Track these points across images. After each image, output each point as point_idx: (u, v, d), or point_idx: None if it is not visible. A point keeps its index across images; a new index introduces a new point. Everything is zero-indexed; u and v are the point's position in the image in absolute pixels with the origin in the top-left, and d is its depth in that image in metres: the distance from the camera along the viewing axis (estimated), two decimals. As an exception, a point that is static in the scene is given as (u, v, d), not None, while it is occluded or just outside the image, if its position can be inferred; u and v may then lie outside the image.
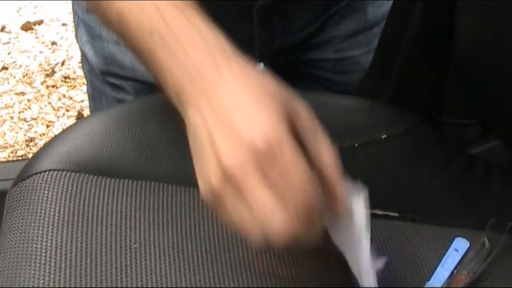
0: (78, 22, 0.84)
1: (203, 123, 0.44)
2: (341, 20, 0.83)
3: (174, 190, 0.59)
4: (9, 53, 1.96)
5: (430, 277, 0.59)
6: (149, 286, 0.52)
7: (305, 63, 0.88)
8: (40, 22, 2.06)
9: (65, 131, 0.65)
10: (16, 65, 1.91)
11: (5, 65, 1.90)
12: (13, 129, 1.64)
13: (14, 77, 1.86)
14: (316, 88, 0.89)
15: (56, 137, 0.64)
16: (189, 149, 0.61)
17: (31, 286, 0.51)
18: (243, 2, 0.75)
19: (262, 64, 1.35)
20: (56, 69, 1.88)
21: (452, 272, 0.59)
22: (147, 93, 0.80)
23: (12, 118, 1.69)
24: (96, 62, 0.83)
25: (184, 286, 0.52)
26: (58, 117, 1.72)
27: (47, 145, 0.63)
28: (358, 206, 0.48)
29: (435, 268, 0.60)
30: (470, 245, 0.62)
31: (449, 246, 0.62)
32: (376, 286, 0.48)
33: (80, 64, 0.92)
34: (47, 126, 1.68)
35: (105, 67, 0.83)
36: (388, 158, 0.66)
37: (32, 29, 2.04)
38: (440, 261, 0.60)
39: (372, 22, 0.84)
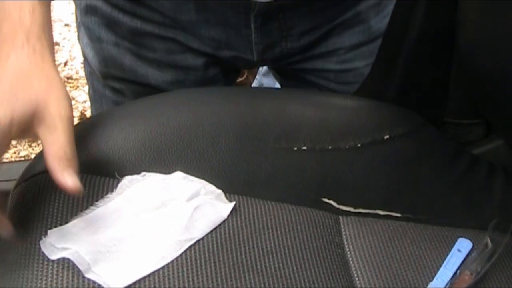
0: (79, 24, 0.84)
1: None
2: (344, 32, 0.83)
3: (177, 191, 0.59)
4: (11, 54, 1.95)
5: (433, 277, 0.59)
6: (152, 286, 0.52)
7: (308, 72, 0.88)
8: (43, 23, 2.06)
9: (67, 132, 0.65)
10: (18, 65, 1.91)
11: (8, 66, 1.90)
12: (15, 129, 1.64)
13: (17, 78, 1.86)
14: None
15: (58, 138, 0.64)
16: (192, 150, 0.62)
17: (33, 287, 0.51)
18: (240, 8, 0.75)
19: (265, 67, 1.35)
20: (59, 69, 1.89)
21: (455, 272, 0.59)
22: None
23: (14, 118, 1.69)
24: (96, 64, 0.83)
25: (186, 286, 0.52)
26: (61, 118, 1.72)
27: (49, 146, 0.63)
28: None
29: (438, 269, 0.60)
30: (473, 245, 0.62)
31: (452, 247, 0.62)
32: None
33: (83, 65, 0.92)
34: (50, 127, 1.68)
35: (105, 69, 0.83)
36: (391, 158, 0.66)
37: (34, 29, 2.04)
38: (443, 261, 0.60)
39: (376, 34, 0.83)
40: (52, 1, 0.60)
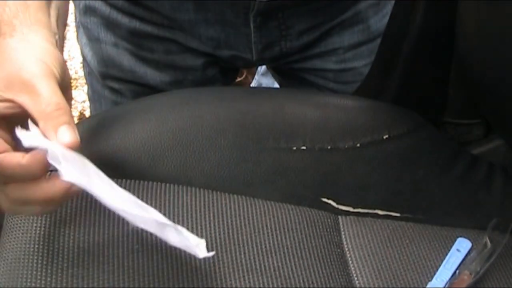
0: (78, 24, 0.84)
1: None
2: (344, 32, 0.83)
3: (176, 191, 0.59)
4: (10, 54, 1.95)
5: (432, 277, 0.59)
6: (151, 286, 0.52)
7: (307, 71, 0.88)
8: (42, 23, 2.06)
9: (67, 132, 0.65)
10: (17, 65, 1.90)
11: (7, 66, 1.90)
12: (14, 129, 1.63)
13: (16, 78, 1.85)
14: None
15: (58, 137, 0.64)
16: (191, 150, 0.62)
17: (33, 286, 0.51)
18: (240, 7, 0.76)
19: (264, 67, 1.35)
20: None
21: (454, 272, 0.59)
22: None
23: (13, 118, 1.68)
24: (94, 65, 0.83)
25: (186, 286, 0.52)
26: (59, 118, 1.71)
27: (49, 145, 0.63)
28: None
29: (437, 268, 0.60)
30: (472, 245, 0.62)
31: (451, 246, 0.62)
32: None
33: (82, 65, 0.92)
34: (49, 127, 1.68)
35: (104, 69, 0.83)
36: (390, 158, 0.66)
37: (33, 29, 2.04)
38: (442, 261, 0.60)
39: (375, 34, 0.83)
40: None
